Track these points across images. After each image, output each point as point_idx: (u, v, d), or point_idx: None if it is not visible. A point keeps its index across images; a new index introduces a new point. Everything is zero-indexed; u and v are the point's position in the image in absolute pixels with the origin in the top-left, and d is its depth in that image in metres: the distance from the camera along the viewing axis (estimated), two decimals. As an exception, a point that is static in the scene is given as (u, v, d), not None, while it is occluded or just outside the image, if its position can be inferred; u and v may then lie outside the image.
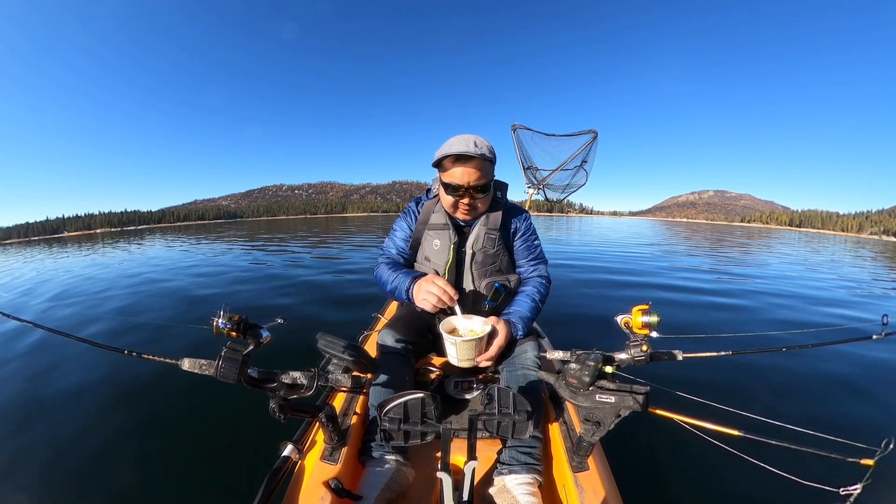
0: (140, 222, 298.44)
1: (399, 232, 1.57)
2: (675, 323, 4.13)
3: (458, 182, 1.29)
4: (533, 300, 1.40)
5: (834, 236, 64.98)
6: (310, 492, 0.95)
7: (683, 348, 1.05)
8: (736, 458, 0.89)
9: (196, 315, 4.54)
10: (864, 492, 0.72)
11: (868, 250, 17.97)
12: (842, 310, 5.04)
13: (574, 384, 0.95)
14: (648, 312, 0.94)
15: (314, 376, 0.96)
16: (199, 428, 2.21)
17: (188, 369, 0.92)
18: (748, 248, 15.11)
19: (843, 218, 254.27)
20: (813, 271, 8.85)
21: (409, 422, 0.82)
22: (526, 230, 1.53)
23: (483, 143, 1.28)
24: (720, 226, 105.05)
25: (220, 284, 6.36)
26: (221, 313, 0.88)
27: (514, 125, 4.63)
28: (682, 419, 0.93)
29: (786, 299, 5.49)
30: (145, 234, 33.08)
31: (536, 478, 1.05)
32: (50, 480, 1.83)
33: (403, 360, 1.30)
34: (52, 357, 3.23)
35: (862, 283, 7.49)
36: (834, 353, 3.16)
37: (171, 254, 12.00)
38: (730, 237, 23.90)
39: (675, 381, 2.27)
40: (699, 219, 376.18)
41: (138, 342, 3.69)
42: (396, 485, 1.04)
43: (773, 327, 4.13)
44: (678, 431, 0.92)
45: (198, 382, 2.41)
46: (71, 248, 18.50)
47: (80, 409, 2.44)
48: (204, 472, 1.87)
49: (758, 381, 2.75)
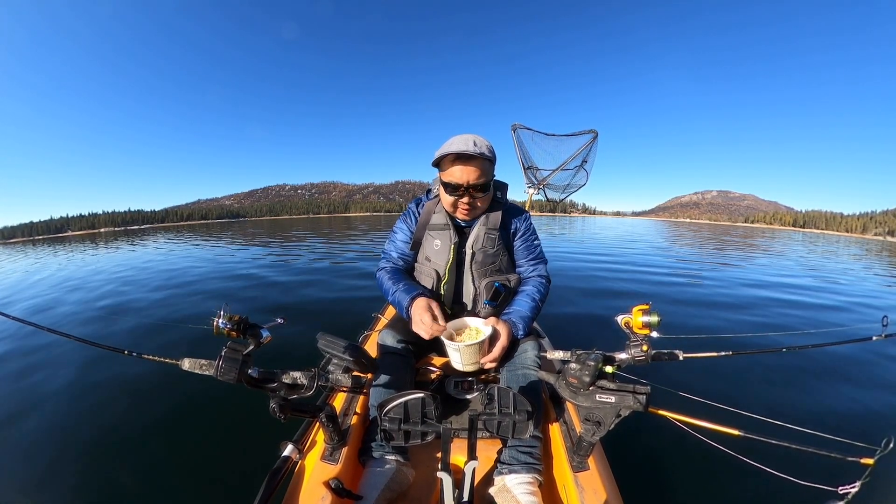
0: (143, 222, 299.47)
1: (399, 234, 1.57)
2: (676, 323, 4.13)
3: (458, 181, 1.29)
4: (533, 300, 1.41)
5: (838, 237, 64.75)
6: (310, 492, 0.95)
7: (683, 348, 1.05)
8: (736, 458, 0.89)
9: (196, 315, 4.54)
10: (866, 490, 0.72)
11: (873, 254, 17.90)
12: (841, 311, 5.04)
13: (574, 384, 0.95)
14: (649, 312, 0.94)
15: (314, 376, 0.96)
16: (200, 428, 2.21)
17: (188, 369, 0.92)
18: (748, 249, 15.11)
19: (847, 219, 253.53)
20: (815, 272, 8.85)
21: (410, 422, 0.82)
22: (526, 230, 1.53)
23: (482, 143, 1.29)
24: (723, 226, 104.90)
25: (218, 285, 6.36)
26: (221, 313, 0.89)
27: (515, 125, 4.64)
28: (682, 419, 0.93)
29: (786, 299, 5.49)
30: (148, 234, 33.17)
31: (536, 477, 1.05)
32: (49, 480, 1.83)
33: (403, 360, 1.30)
34: (51, 357, 3.22)
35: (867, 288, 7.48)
36: (834, 353, 3.15)
37: (172, 253, 12.00)
38: (731, 238, 23.90)
39: (676, 381, 2.26)
40: (702, 219, 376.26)
41: (138, 342, 3.69)
42: (397, 485, 1.04)
43: (774, 328, 4.13)
44: (678, 431, 0.92)
45: (198, 382, 2.41)
46: (73, 247, 18.50)
47: (80, 408, 2.44)
48: (204, 472, 1.87)
49: (758, 381, 2.74)
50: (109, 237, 33.41)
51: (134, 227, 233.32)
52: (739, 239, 22.56)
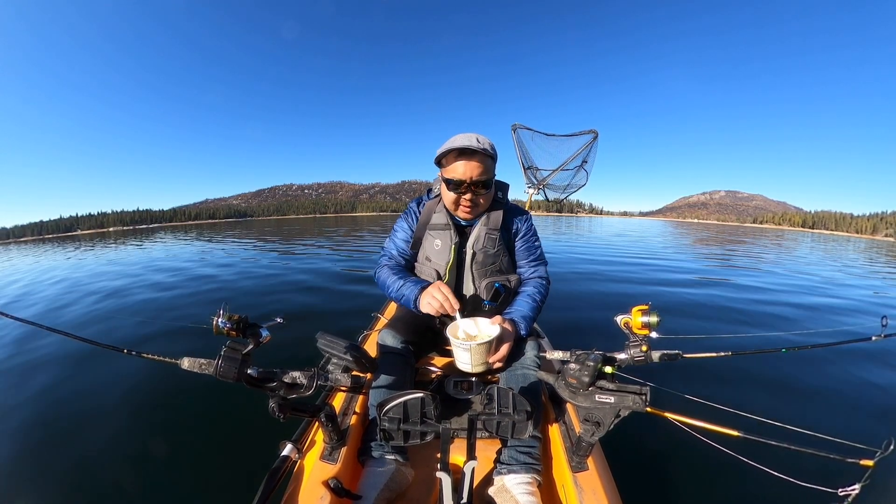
0: (152, 221, 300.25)
1: (400, 232, 1.57)
2: (676, 323, 4.13)
3: (461, 177, 1.29)
4: (534, 300, 1.41)
5: (847, 238, 64.43)
6: (309, 491, 0.95)
7: (683, 348, 1.05)
8: (735, 458, 0.89)
9: (196, 314, 4.54)
10: (866, 492, 0.72)
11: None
12: (841, 311, 5.04)
13: (574, 384, 0.95)
14: (648, 313, 0.94)
15: (314, 376, 0.96)
16: (199, 427, 2.21)
17: (188, 368, 0.92)
18: (748, 250, 15.10)
19: (856, 219, 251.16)
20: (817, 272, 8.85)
21: (409, 421, 0.82)
22: (527, 231, 1.53)
23: (485, 140, 1.29)
24: (730, 227, 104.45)
25: (220, 284, 6.36)
26: (221, 312, 0.88)
27: (515, 125, 4.63)
28: (681, 419, 0.93)
29: (786, 300, 5.49)
30: (156, 233, 33.21)
31: (536, 477, 1.05)
32: (48, 479, 1.83)
33: (403, 360, 1.30)
34: (51, 356, 3.22)
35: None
36: (833, 353, 3.15)
37: (173, 253, 12.00)
38: (736, 237, 23.88)
39: (675, 381, 2.26)
40: (710, 219, 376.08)
41: (138, 341, 3.69)
42: (396, 484, 1.04)
43: (773, 328, 4.13)
44: (678, 431, 0.92)
45: (197, 382, 2.41)
46: (81, 245, 18.50)
47: (79, 408, 2.44)
48: (203, 472, 1.87)
49: (758, 381, 2.74)
50: (118, 236, 33.44)
51: (142, 226, 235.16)
52: (738, 237, 22.55)
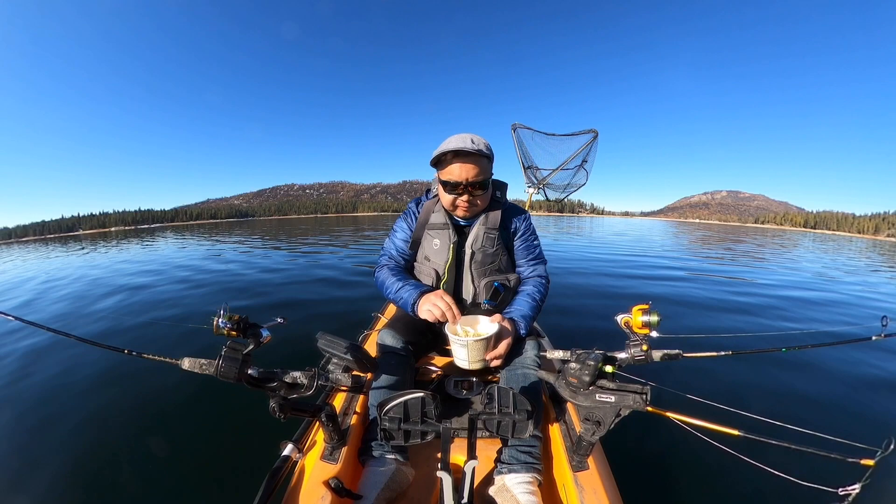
0: (153, 221, 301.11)
1: (399, 232, 1.57)
2: (676, 323, 4.13)
3: (457, 178, 1.30)
4: (533, 299, 1.41)
5: (849, 238, 64.31)
6: (310, 491, 0.95)
7: (684, 348, 1.05)
8: (736, 458, 0.89)
9: (197, 314, 4.55)
10: (866, 492, 0.72)
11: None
12: (842, 311, 5.04)
13: (574, 384, 0.95)
14: (648, 312, 0.94)
15: (314, 376, 0.96)
16: (199, 427, 2.21)
17: (188, 369, 0.92)
18: (748, 250, 15.10)
19: (858, 219, 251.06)
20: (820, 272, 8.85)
21: (410, 421, 0.82)
22: (526, 230, 1.53)
23: (480, 141, 1.30)
24: (731, 227, 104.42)
25: (218, 284, 6.36)
26: (221, 313, 0.89)
27: (515, 124, 4.63)
28: (681, 419, 0.93)
29: (785, 301, 5.48)
30: (157, 232, 33.26)
31: (536, 477, 1.05)
32: (48, 480, 1.83)
33: (403, 360, 1.30)
34: (51, 356, 3.23)
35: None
36: (834, 353, 3.15)
37: (174, 253, 12.00)
38: (737, 237, 23.88)
39: (675, 380, 2.27)
40: (712, 219, 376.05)
41: (138, 341, 3.69)
42: (396, 484, 1.04)
43: (774, 327, 4.13)
44: (678, 431, 0.92)
45: (198, 382, 2.41)
46: (82, 246, 18.50)
47: (79, 408, 2.44)
48: (204, 472, 1.87)
49: (758, 381, 2.74)
50: (120, 235, 33.50)
51: (144, 226, 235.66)
52: (738, 237, 22.54)
